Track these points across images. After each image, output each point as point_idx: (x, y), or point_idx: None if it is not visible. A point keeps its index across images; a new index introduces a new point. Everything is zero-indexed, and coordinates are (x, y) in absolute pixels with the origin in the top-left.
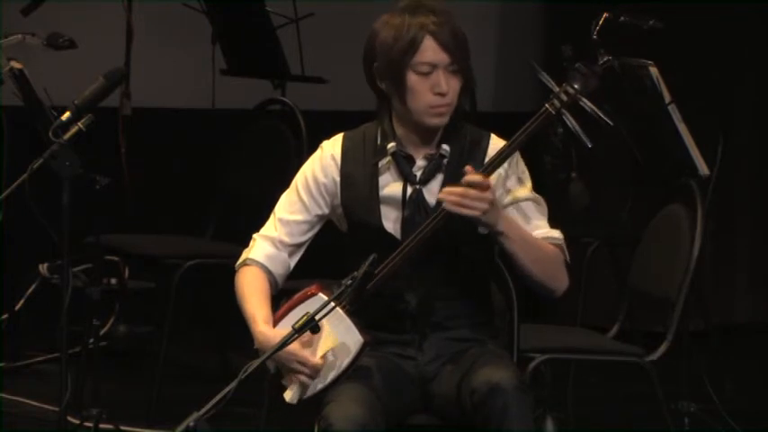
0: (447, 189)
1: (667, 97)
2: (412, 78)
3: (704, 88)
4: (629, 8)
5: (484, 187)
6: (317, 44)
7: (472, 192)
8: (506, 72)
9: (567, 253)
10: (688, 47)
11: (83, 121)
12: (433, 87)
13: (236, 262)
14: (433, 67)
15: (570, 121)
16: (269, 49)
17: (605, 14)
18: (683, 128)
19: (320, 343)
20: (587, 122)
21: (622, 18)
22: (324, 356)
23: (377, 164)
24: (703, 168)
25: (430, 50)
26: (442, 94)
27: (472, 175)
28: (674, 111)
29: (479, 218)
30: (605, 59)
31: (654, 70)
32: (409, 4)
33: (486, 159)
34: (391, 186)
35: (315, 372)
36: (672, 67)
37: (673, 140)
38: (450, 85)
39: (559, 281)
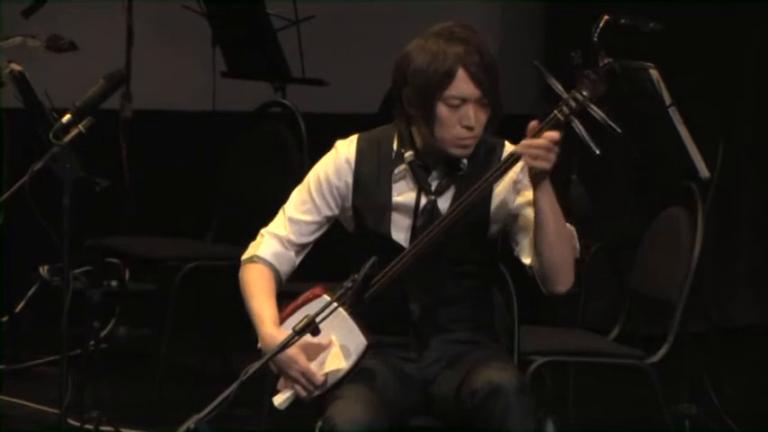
0: (526, 143)
1: (667, 99)
2: (442, 110)
3: (704, 90)
4: (630, 9)
5: (557, 142)
6: (317, 46)
7: (551, 144)
8: (506, 73)
9: (578, 247)
10: (688, 49)
11: (83, 123)
12: (461, 120)
13: (236, 264)
14: (464, 100)
15: (579, 127)
16: (269, 52)
17: (606, 17)
18: (683, 130)
19: (324, 354)
20: (591, 127)
21: (623, 20)
22: (326, 374)
23: (392, 171)
24: (704, 170)
25: (463, 84)
26: (470, 128)
27: (552, 132)
28: (674, 113)
29: (546, 168)
30: (606, 62)
31: (654, 72)
32: (442, 32)
33: None
34: (405, 195)
35: (311, 384)
36: (672, 68)
37: (673, 143)
38: (478, 119)
39: (568, 273)
